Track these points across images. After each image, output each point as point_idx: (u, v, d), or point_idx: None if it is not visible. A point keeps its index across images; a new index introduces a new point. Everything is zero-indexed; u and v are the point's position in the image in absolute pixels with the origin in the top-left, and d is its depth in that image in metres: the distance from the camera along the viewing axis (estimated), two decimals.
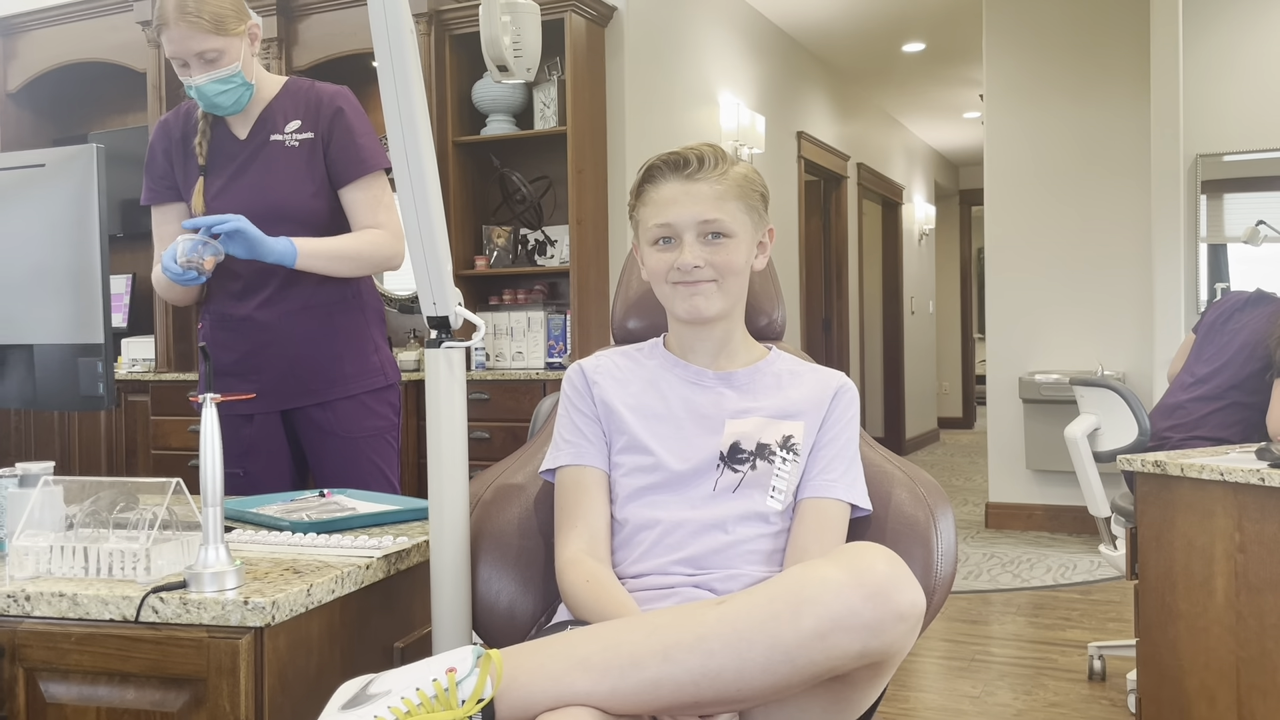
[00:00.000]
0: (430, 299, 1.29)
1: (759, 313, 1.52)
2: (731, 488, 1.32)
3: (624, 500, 1.35)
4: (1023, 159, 5.43)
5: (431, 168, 1.26)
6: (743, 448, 1.34)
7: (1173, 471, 2.20)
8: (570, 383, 1.43)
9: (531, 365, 4.20)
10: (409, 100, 1.20)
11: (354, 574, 1.26)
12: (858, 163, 7.66)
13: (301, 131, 2.05)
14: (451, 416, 1.31)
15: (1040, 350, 5.38)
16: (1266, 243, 4.87)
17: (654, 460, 1.34)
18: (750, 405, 1.37)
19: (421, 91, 1.22)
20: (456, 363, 1.31)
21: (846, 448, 1.37)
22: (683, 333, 1.42)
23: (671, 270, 1.34)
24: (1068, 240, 5.32)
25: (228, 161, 2.05)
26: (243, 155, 2.06)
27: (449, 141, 4.16)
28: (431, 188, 1.25)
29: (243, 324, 2.08)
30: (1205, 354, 2.96)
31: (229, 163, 2.05)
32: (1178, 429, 2.88)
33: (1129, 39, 5.13)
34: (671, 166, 1.35)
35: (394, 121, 1.22)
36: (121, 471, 4.49)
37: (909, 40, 6.55)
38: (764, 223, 1.41)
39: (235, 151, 2.06)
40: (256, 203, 2.02)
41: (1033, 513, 5.40)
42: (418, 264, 1.26)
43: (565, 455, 1.37)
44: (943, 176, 10.61)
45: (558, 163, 4.13)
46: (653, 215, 1.36)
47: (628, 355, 1.45)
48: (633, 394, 1.39)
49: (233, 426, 2.12)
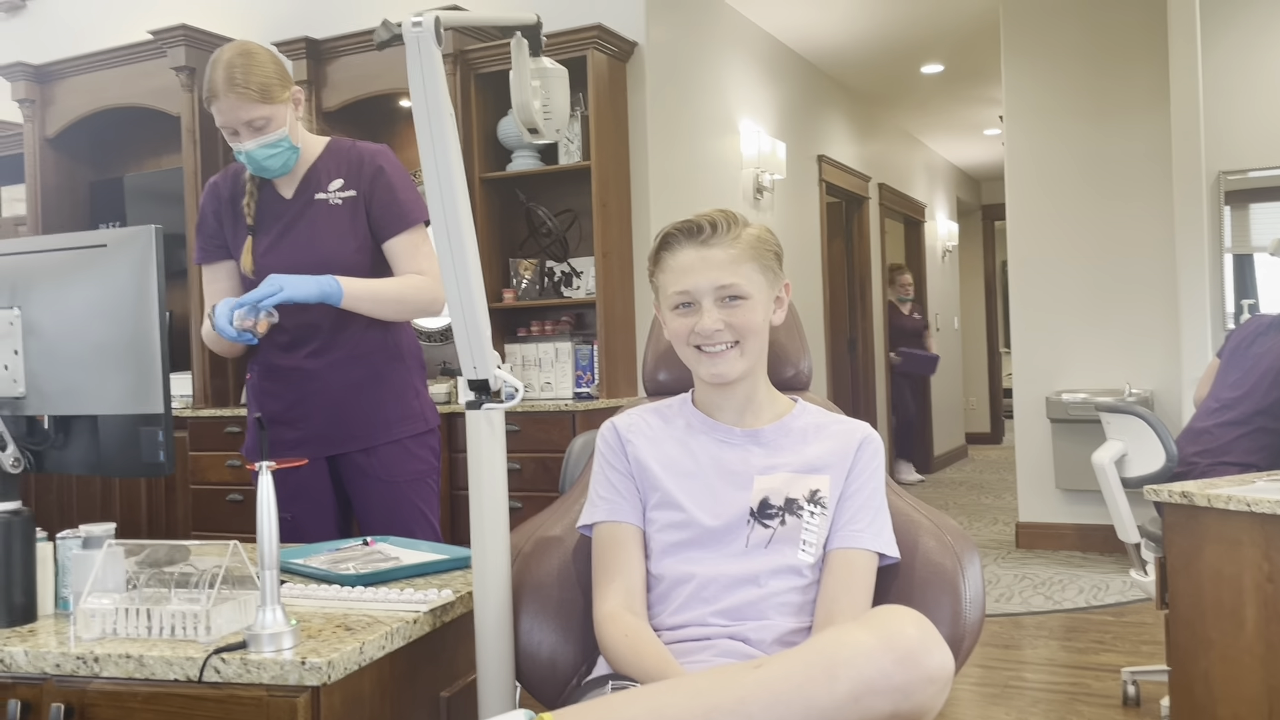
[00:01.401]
0: (471, 363, 1.35)
1: (784, 364, 1.57)
2: (764, 543, 1.37)
3: (659, 555, 1.40)
4: (1043, 178, 5.45)
5: (470, 239, 1.31)
6: (772, 503, 1.39)
7: (1199, 502, 2.22)
8: (605, 440, 1.48)
9: (560, 396, 4.26)
10: (449, 178, 1.26)
11: (403, 629, 1.32)
12: (879, 183, 7.70)
13: (344, 190, 2.13)
14: (493, 476, 1.36)
15: (1066, 369, 5.38)
16: None
17: (685, 517, 1.39)
18: (777, 461, 1.42)
19: (460, 168, 1.28)
20: (497, 423, 1.36)
21: (872, 498, 1.41)
22: (708, 392, 1.47)
23: (692, 334, 1.40)
24: (1091, 258, 5.33)
25: (275, 220, 2.14)
26: (289, 214, 2.14)
27: (475, 178, 4.24)
28: (471, 259, 1.31)
29: (290, 374, 2.16)
30: (1230, 378, 2.97)
31: (276, 221, 2.13)
32: (1204, 455, 2.90)
33: (1147, 56, 5.15)
34: (686, 234, 1.40)
35: (435, 196, 1.28)
36: (161, 506, 4.58)
37: (927, 62, 6.60)
38: (779, 280, 1.46)
39: (282, 211, 2.14)
40: (303, 259, 2.10)
41: (1063, 532, 5.39)
42: (458, 330, 1.32)
43: (601, 511, 1.43)
44: (965, 192, 10.62)
45: (582, 196, 4.20)
46: (672, 282, 1.41)
47: (659, 413, 1.51)
48: (665, 452, 1.44)
49: (282, 473, 2.18)
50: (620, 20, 4.32)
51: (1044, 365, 5.42)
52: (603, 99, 4.14)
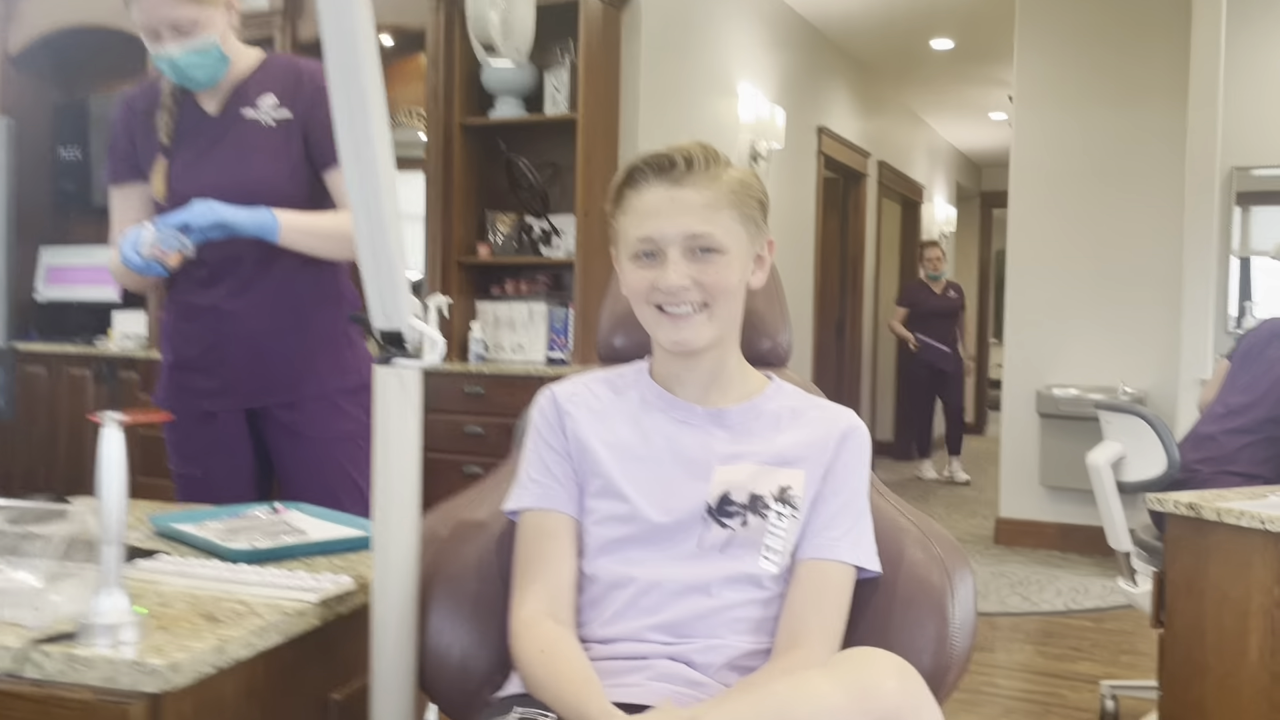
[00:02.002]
0: (380, 309, 1.12)
1: (760, 335, 1.35)
2: (719, 545, 1.15)
3: (595, 553, 1.18)
4: (1050, 163, 5.23)
5: (384, 149, 1.08)
6: (733, 499, 1.16)
7: (1208, 516, 2.03)
8: (540, 412, 1.26)
9: (532, 359, 4.04)
10: (357, 71, 1.03)
11: (281, 624, 1.10)
12: (879, 160, 7.46)
13: (279, 109, 1.88)
14: (403, 446, 1.15)
15: (1059, 363, 5.18)
16: None
17: (630, 509, 1.17)
18: (743, 449, 1.20)
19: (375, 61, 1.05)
20: (411, 384, 1.14)
21: (853, 500, 1.19)
22: (668, 362, 1.24)
23: (653, 291, 1.16)
24: (1092, 250, 5.12)
25: (194, 139, 1.89)
26: (212, 133, 1.89)
27: (455, 123, 4.00)
28: (384, 173, 1.08)
29: (207, 314, 1.92)
30: (1240, 383, 2.78)
31: (196, 140, 1.89)
32: (1208, 462, 2.70)
33: (1166, 44, 4.91)
34: (655, 169, 1.16)
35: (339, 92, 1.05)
36: None
37: (937, 36, 6.35)
38: (762, 234, 1.23)
39: (204, 129, 1.89)
40: (226, 184, 1.85)
41: (1044, 530, 5.22)
42: (366, 266, 1.10)
43: (530, 496, 1.21)
44: (965, 177, 10.39)
45: (566, 150, 3.96)
46: (633, 225, 1.17)
47: (609, 384, 1.27)
48: (611, 430, 1.22)
49: (193, 424, 1.97)
50: None
51: (1036, 358, 5.22)
52: (594, 47, 3.89)
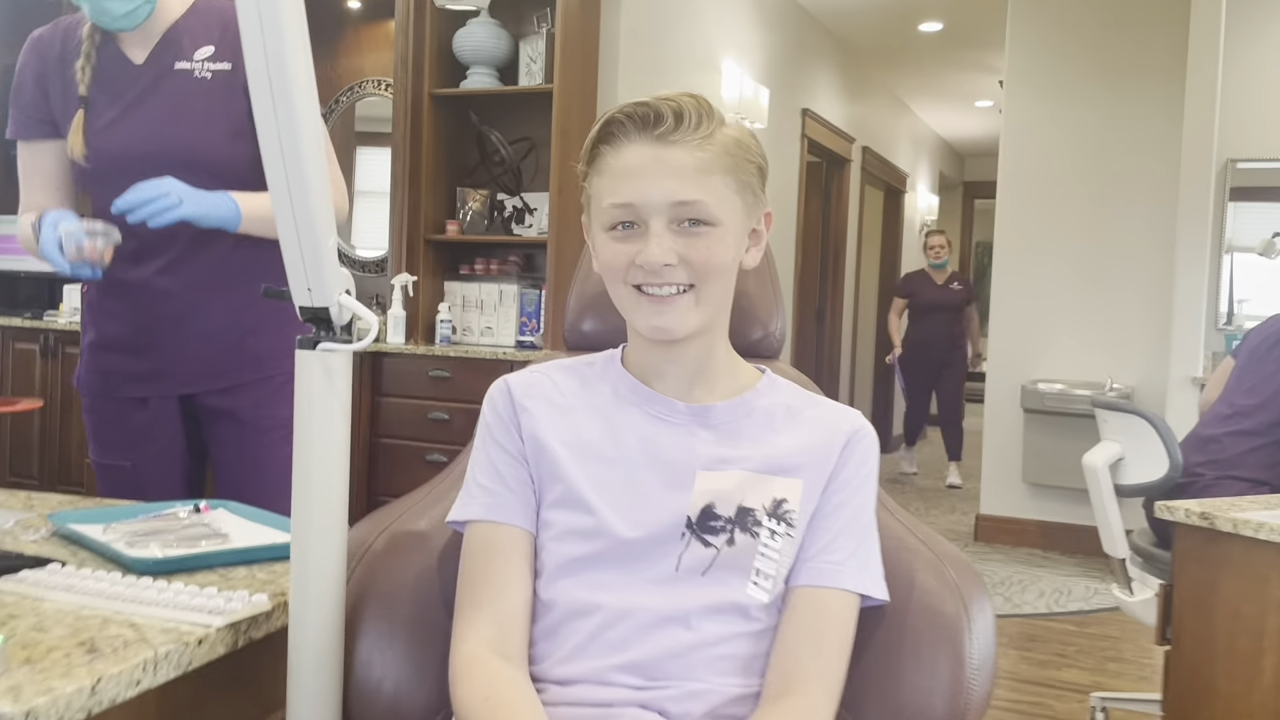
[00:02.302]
0: (303, 282, 0.94)
1: (752, 323, 1.18)
2: (700, 568, 0.97)
3: (552, 574, 1.00)
4: (1040, 151, 5.08)
5: (306, 99, 0.90)
6: (718, 512, 0.99)
7: (1222, 527, 1.87)
8: (492, 406, 1.06)
9: (501, 343, 3.86)
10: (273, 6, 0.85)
11: (178, 654, 0.93)
12: (863, 146, 7.30)
13: (216, 60, 1.68)
14: (327, 443, 0.97)
15: (1045, 357, 5.05)
16: None
17: (596, 522, 0.98)
18: (731, 453, 1.02)
19: None
20: (338, 372, 0.96)
21: (859, 517, 1.02)
22: (646, 351, 1.05)
23: (632, 268, 0.98)
24: (1081, 242, 4.98)
25: (118, 91, 1.67)
26: (139, 85, 1.68)
27: (425, 93, 3.80)
28: (306, 125, 0.90)
29: (137, 291, 1.72)
30: (1246, 383, 2.63)
31: (120, 93, 1.67)
32: (1211, 465, 2.56)
33: (1161, 34, 4.77)
34: (638, 123, 0.97)
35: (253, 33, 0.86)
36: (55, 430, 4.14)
37: (927, 19, 6.18)
38: (760, 206, 1.04)
39: (129, 79, 1.68)
40: (154, 144, 1.65)
41: (1026, 528, 5.09)
42: (285, 234, 0.92)
43: (477, 506, 1.02)
44: (948, 166, 10.26)
45: (542, 124, 3.77)
46: (609, 190, 0.99)
47: (575, 373, 1.09)
48: (575, 427, 1.03)
49: (122, 411, 1.78)
50: None
51: (1021, 351, 5.09)
52: (572, 16, 3.70)
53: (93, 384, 1.79)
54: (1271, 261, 4.63)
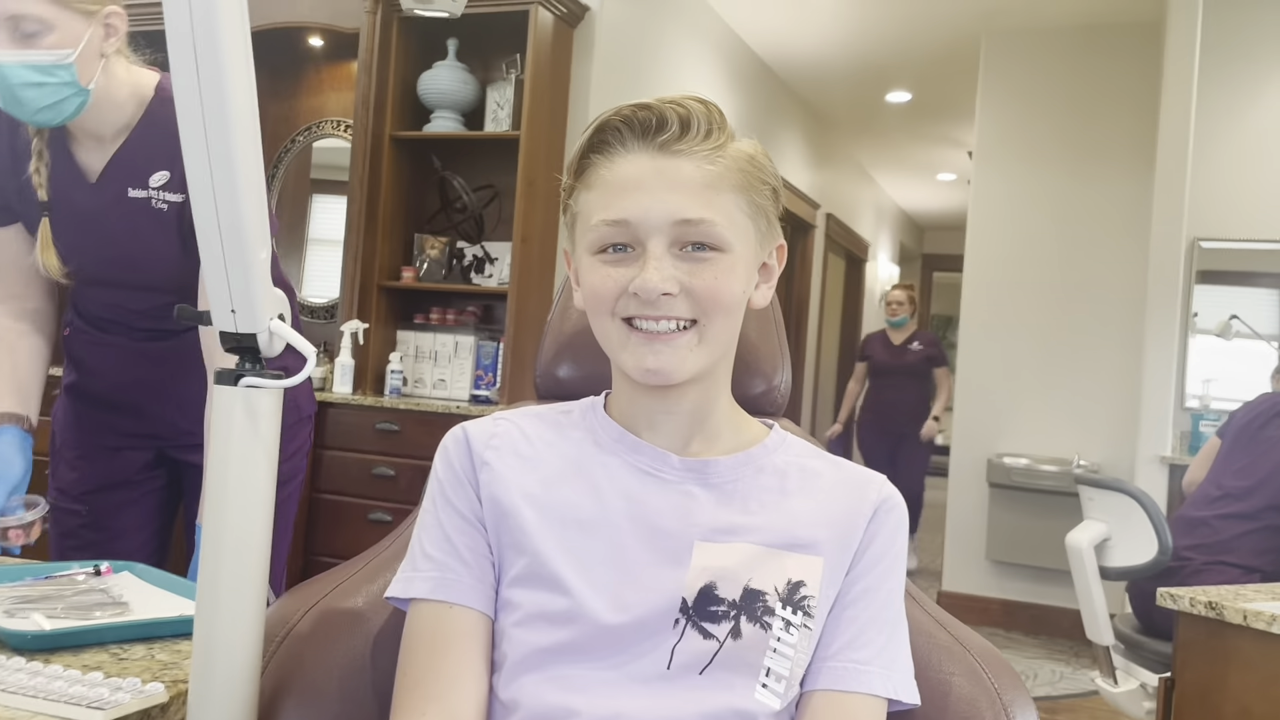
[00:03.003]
0: (227, 304, 0.77)
1: (752, 374, 1.02)
2: (698, 665, 0.80)
3: (515, 669, 0.81)
4: (1007, 225, 5.05)
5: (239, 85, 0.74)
6: (720, 595, 0.81)
7: (1231, 618, 1.74)
8: (445, 458, 0.88)
9: (454, 396, 3.68)
10: None
11: None
12: (827, 213, 7.27)
13: (169, 190, 1.49)
14: (246, 497, 0.79)
15: (1011, 431, 4.97)
16: (1238, 338, 4.55)
17: (570, 604, 0.81)
18: (737, 520, 0.85)
19: None
20: (264, 413, 0.79)
21: (889, 605, 0.85)
22: (635, 398, 0.89)
23: (624, 298, 0.83)
24: (1048, 316, 4.93)
25: (76, 211, 1.50)
26: (96, 207, 1.50)
27: (386, 135, 3.66)
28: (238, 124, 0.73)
29: (109, 350, 1.60)
30: (1235, 463, 2.53)
31: (78, 214, 1.50)
32: (1200, 550, 2.44)
33: (1130, 110, 4.78)
34: (638, 129, 0.83)
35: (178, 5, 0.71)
36: None
37: (895, 88, 6.19)
38: (773, 235, 0.89)
39: (85, 198, 1.49)
40: (119, 270, 1.53)
41: (988, 606, 4.96)
42: (208, 244, 0.75)
43: (423, 582, 0.83)
44: (908, 238, 10.31)
45: (507, 171, 3.64)
46: (601, 205, 0.83)
47: (545, 420, 0.92)
48: (546, 484, 0.86)
49: (94, 455, 1.65)
50: None
51: (987, 425, 5.00)
52: (542, 64, 3.59)
53: (67, 423, 1.67)
54: (1229, 343, 4.61)
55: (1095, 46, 4.89)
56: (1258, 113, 4.35)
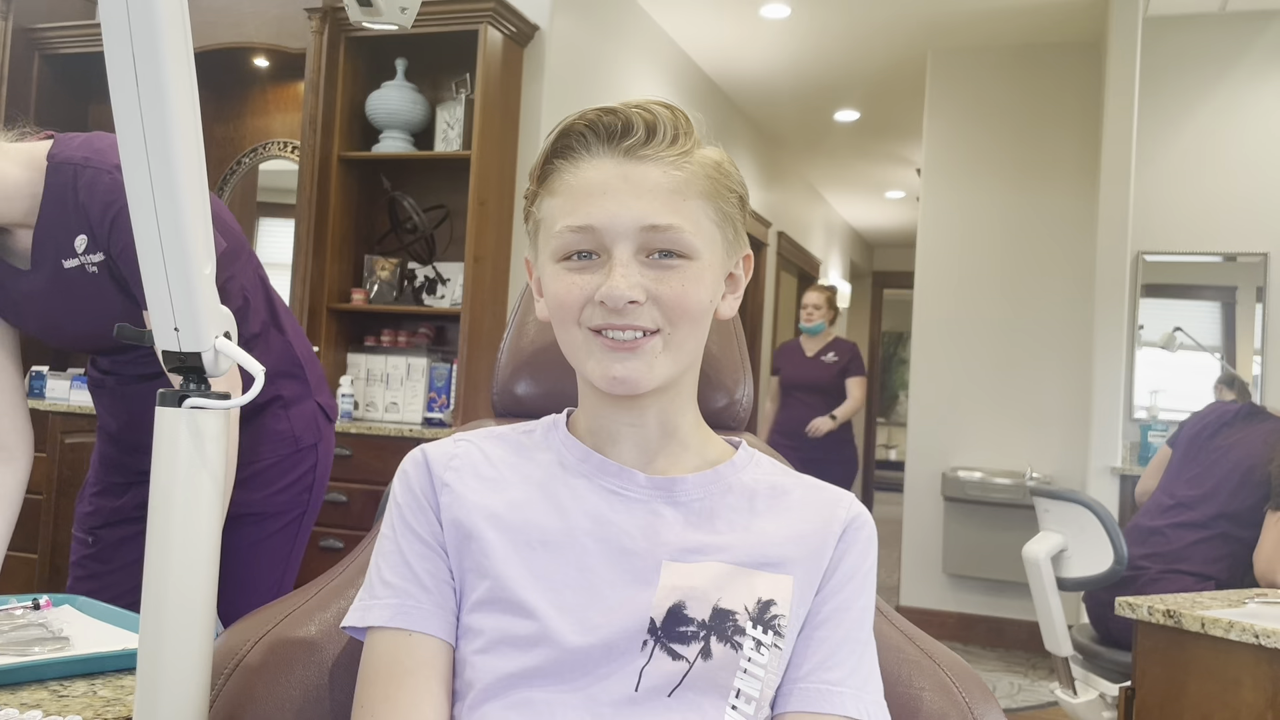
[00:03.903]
0: (169, 320, 0.74)
1: (714, 388, 1.01)
2: (667, 686, 0.77)
3: (479, 697, 0.78)
4: (957, 240, 5.10)
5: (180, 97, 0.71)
6: (689, 614, 0.79)
7: (1190, 626, 1.75)
8: (404, 481, 0.86)
9: (407, 420, 3.63)
10: None
11: None
12: (779, 231, 7.32)
13: (91, 251, 1.45)
14: (191, 524, 0.75)
15: (964, 445, 5.01)
16: (1183, 350, 4.64)
17: (536, 628, 0.78)
18: (705, 539, 0.83)
19: None
20: (210, 436, 0.76)
21: (861, 625, 0.83)
22: (600, 410, 0.87)
23: (589, 306, 0.80)
24: (998, 329, 4.99)
25: (18, 299, 1.49)
26: (38, 289, 1.47)
27: (334, 155, 3.62)
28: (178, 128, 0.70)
29: (112, 391, 1.61)
30: (1187, 473, 2.56)
31: (19, 301, 1.49)
32: (1154, 559, 2.46)
33: (1074, 123, 4.88)
34: (603, 134, 0.82)
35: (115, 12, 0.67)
36: None
37: (844, 107, 6.25)
38: (740, 245, 0.88)
39: (25, 285, 1.47)
40: (86, 335, 1.52)
41: (945, 620, 4.98)
42: (148, 257, 0.72)
43: (381, 609, 0.81)
44: (858, 255, 10.41)
45: (458, 192, 3.61)
46: (565, 211, 0.81)
47: (506, 440, 0.89)
48: (508, 503, 0.83)
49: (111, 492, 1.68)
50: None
51: (940, 440, 5.03)
52: (492, 83, 3.57)
53: (95, 460, 1.71)
54: (1174, 355, 4.69)
55: (1038, 65, 4.97)
56: (1195, 128, 4.45)
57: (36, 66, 3.93)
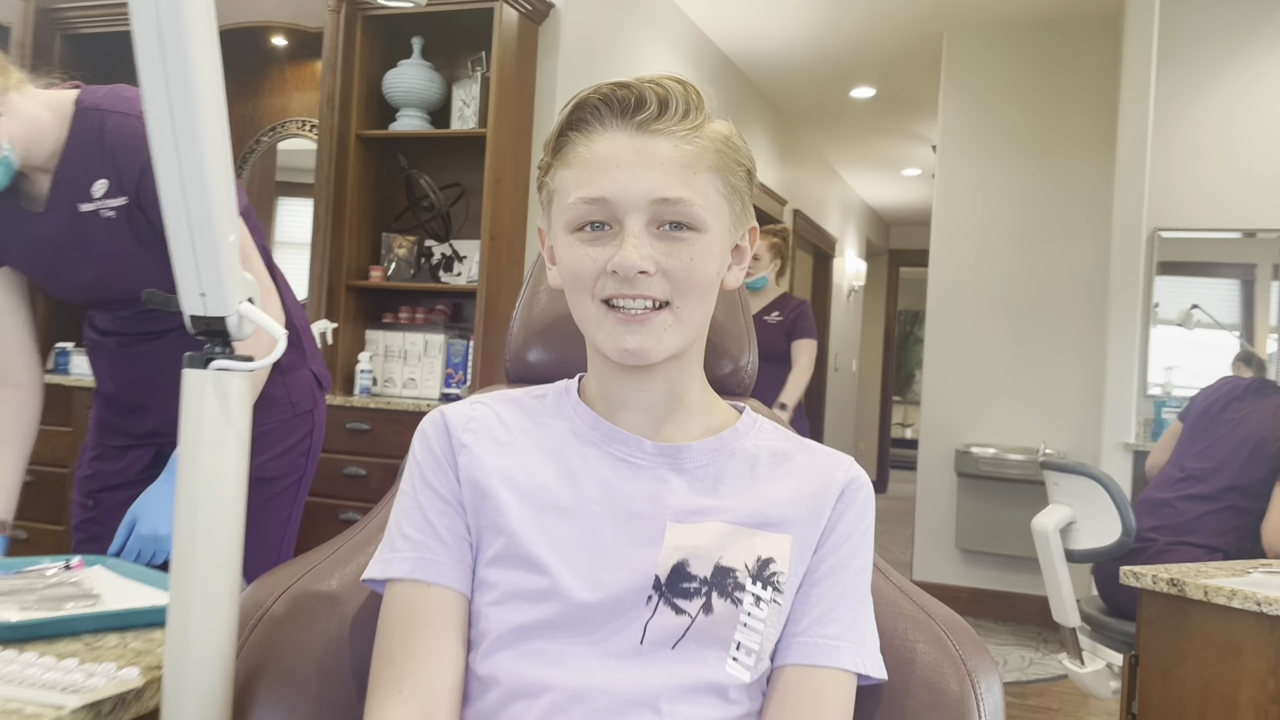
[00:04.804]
0: (195, 285, 0.78)
1: (720, 356, 1.04)
2: (670, 639, 0.81)
3: (492, 646, 0.83)
4: (972, 217, 5.10)
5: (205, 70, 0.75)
6: (692, 572, 0.83)
7: (1192, 594, 1.78)
8: (424, 441, 0.90)
9: (425, 395, 3.68)
10: None
11: None
12: (794, 209, 7.32)
13: (112, 195, 1.49)
14: (217, 481, 0.80)
15: (978, 422, 5.02)
16: (1200, 328, 4.62)
17: (547, 583, 0.82)
18: (709, 502, 0.86)
19: None
20: (234, 395, 0.80)
21: (858, 582, 0.87)
22: (610, 378, 0.90)
23: (602, 276, 0.83)
24: (1011, 306, 5.00)
25: (33, 241, 1.52)
26: (49, 231, 1.51)
27: (352, 134, 3.65)
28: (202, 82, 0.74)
29: (113, 355, 1.66)
30: (1197, 446, 2.58)
31: (36, 242, 1.52)
32: (1163, 530, 2.49)
33: (1090, 101, 4.86)
34: (616, 107, 0.84)
35: None
36: None
37: (859, 84, 6.23)
38: (747, 217, 0.91)
39: (38, 228, 1.51)
40: (93, 284, 1.57)
41: (958, 595, 5.01)
42: (174, 223, 0.75)
43: (401, 562, 0.85)
44: (874, 233, 10.38)
45: (474, 169, 3.64)
46: (579, 183, 0.84)
47: (521, 407, 0.93)
48: (523, 469, 0.87)
49: (109, 456, 1.73)
50: None
51: (954, 415, 5.05)
52: (508, 61, 3.59)
53: (92, 425, 1.75)
54: (1190, 333, 4.68)
55: (1055, 41, 4.95)
56: (1213, 103, 4.43)
57: (58, 45, 3.97)
